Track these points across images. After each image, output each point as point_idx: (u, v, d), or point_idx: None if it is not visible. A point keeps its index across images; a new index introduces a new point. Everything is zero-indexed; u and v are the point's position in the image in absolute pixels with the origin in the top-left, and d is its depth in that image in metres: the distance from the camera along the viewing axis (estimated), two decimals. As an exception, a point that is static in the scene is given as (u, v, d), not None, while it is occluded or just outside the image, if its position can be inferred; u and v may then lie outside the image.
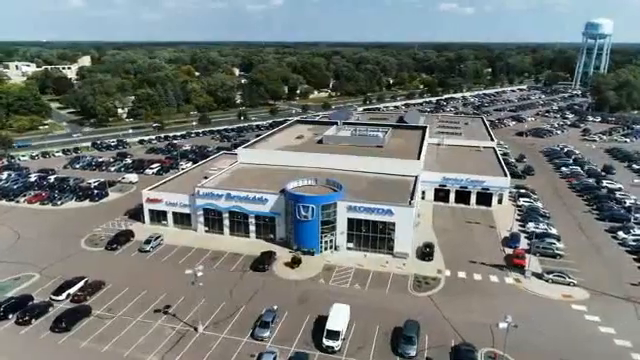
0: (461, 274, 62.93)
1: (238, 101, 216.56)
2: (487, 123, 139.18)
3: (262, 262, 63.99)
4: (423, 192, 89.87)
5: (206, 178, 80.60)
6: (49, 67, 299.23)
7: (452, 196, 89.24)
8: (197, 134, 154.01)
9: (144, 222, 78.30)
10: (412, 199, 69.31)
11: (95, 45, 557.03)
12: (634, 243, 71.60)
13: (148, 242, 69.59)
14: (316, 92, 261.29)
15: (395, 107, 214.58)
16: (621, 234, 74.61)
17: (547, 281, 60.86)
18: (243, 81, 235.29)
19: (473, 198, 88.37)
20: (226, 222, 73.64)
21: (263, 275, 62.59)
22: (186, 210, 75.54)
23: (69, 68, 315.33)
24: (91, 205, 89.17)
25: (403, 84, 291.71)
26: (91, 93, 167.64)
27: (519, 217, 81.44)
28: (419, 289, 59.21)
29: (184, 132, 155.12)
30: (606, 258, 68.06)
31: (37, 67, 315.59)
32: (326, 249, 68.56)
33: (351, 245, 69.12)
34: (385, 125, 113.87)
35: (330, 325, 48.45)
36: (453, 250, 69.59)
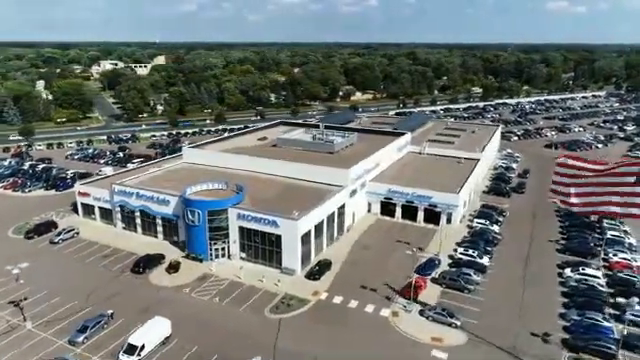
0: (338, 299, 56.59)
1: (274, 101, 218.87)
2: (498, 132, 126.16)
3: (140, 265, 62.87)
4: (369, 204, 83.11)
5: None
6: (122, 65, 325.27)
7: (398, 211, 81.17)
8: (209, 132, 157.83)
9: (78, 215, 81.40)
10: (309, 212, 63.55)
11: (195, 45, 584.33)
12: (575, 284, 59.32)
13: (59, 234, 72.06)
14: (359, 94, 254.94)
15: (432, 112, 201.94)
16: (567, 272, 62.20)
17: (427, 318, 52.48)
18: (283, 80, 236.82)
19: (420, 215, 79.65)
20: (138, 221, 73.85)
21: (138, 278, 61.48)
22: (108, 206, 77.05)
23: (145, 66, 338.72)
24: (55, 194, 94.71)
25: (456, 87, 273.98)
26: (125, 90, 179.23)
27: (463, 240, 71.69)
28: (276, 310, 54.19)
29: (196, 129, 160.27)
30: (528, 298, 57.04)
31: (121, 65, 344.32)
32: (218, 257, 65.75)
33: (244, 255, 65.56)
34: (358, 130, 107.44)
35: (132, 339, 45.95)
36: (354, 271, 63.02)
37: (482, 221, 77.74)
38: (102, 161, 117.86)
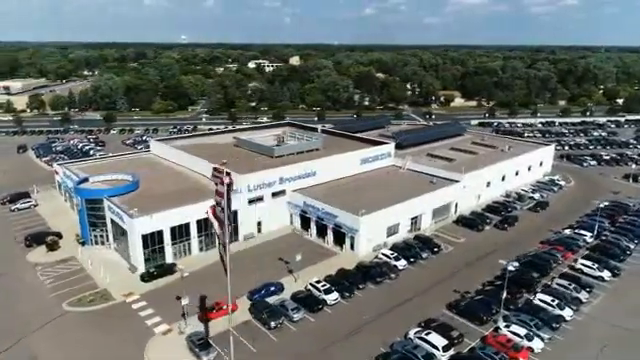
0: (139, 304, 54.58)
1: (357, 101, 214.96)
2: (547, 152, 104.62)
3: (28, 239, 69.73)
4: (291, 216, 76.86)
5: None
6: (252, 65, 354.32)
7: (313, 227, 73.17)
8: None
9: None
10: (160, 211, 62.01)
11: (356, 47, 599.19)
12: (400, 350, 45.89)
13: (18, 204, 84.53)
14: (460, 100, 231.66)
15: (521, 124, 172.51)
16: (411, 333, 48.26)
17: (188, 344, 47.01)
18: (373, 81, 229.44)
19: (330, 234, 70.49)
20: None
21: (24, 251, 68.44)
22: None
23: (272, 66, 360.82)
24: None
25: (592, 96, 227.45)
26: (212, 87, 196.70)
27: (339, 272, 61.32)
28: (76, 303, 54.89)
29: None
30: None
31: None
32: (97, 243, 69.10)
33: (115, 245, 67.62)
34: (345, 136, 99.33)
35: None
36: (193, 281, 58.93)
37: (389, 253, 65.13)
38: (140, 147, 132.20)
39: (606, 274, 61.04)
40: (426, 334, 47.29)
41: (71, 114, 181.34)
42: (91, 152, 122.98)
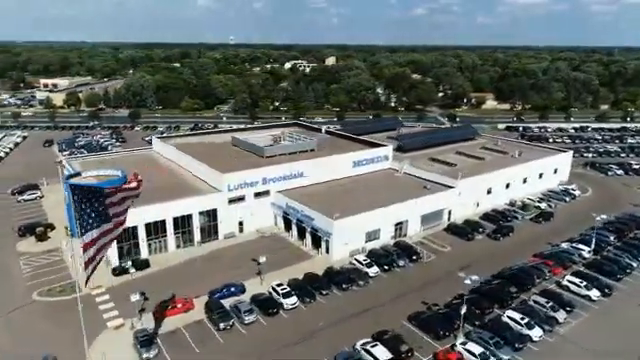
0: (102, 298, 56.03)
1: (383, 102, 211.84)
2: (564, 159, 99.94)
3: (21, 229, 73.04)
4: (275, 217, 76.24)
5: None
6: (288, 65, 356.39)
7: (294, 229, 72.15)
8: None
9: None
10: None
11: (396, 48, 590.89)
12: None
13: (22, 194, 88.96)
14: (492, 102, 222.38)
15: (552, 129, 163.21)
16: (358, 345, 46.29)
17: (134, 340, 47.38)
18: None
19: (308, 237, 69.23)
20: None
21: (16, 240, 71.60)
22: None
23: (308, 66, 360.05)
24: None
25: (635, 100, 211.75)
26: (238, 86, 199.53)
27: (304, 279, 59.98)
28: (46, 292, 57.24)
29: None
30: None
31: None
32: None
33: (99, 239, 69.41)
34: (347, 138, 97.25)
35: None
36: (164, 277, 60.50)
37: (362, 259, 63.06)
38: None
39: (594, 293, 56.22)
40: (372, 346, 45.24)
41: (101, 111, 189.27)
42: (109, 147, 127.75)
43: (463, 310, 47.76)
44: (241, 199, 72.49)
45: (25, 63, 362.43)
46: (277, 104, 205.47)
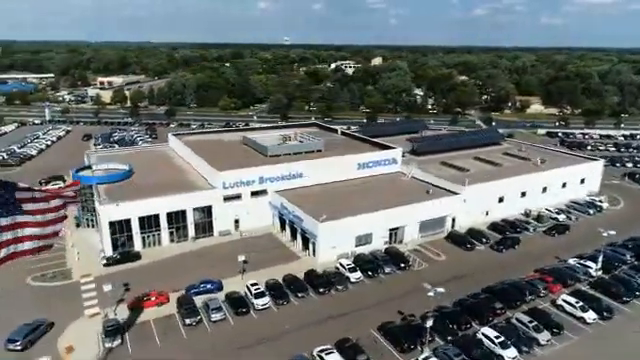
0: (89, 286, 58.12)
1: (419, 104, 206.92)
2: (595, 168, 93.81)
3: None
4: (273, 216, 76.20)
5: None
6: (333, 66, 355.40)
7: (287, 229, 71.72)
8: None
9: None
10: (125, 201, 65.35)
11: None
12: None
13: (48, 184, 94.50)
14: (538, 106, 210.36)
15: (597, 136, 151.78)
16: (316, 351, 45.14)
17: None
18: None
19: (299, 239, 68.58)
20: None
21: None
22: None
23: (351, 66, 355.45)
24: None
25: None
26: (274, 86, 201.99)
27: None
28: (39, 278, 60.31)
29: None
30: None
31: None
32: (89, 225, 74.69)
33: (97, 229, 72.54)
34: (361, 139, 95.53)
35: None
36: (153, 269, 62.18)
37: (346, 264, 61.49)
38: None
39: (589, 316, 51.60)
40: (326, 353, 44.02)
41: (140, 108, 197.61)
42: (139, 143, 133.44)
43: (429, 323, 45.33)
44: (237, 197, 73.05)
45: (88, 62, 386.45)
46: (312, 104, 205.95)
